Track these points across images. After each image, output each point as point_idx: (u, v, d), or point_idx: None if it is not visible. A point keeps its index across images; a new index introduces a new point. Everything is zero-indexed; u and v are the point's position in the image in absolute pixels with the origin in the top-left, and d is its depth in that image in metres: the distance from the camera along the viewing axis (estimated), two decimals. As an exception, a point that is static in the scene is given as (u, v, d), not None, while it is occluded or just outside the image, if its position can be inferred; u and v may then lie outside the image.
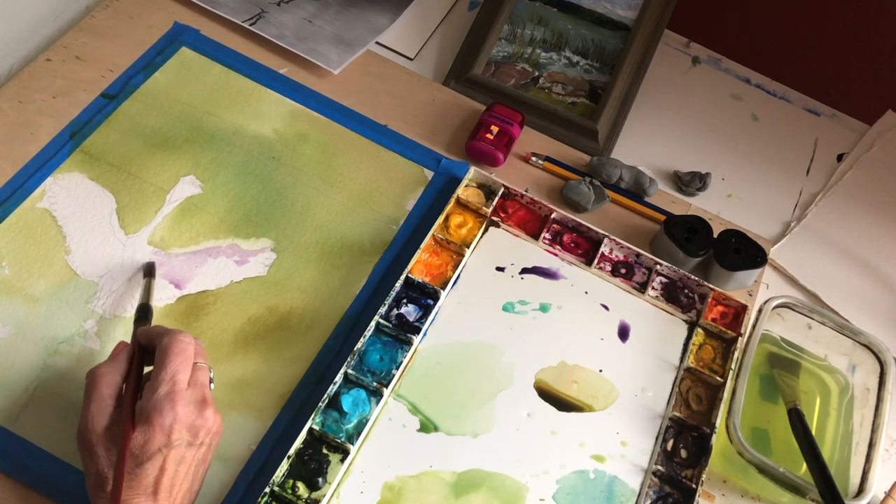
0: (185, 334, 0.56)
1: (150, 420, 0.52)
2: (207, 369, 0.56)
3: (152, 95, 0.78)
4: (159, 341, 0.55)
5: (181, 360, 0.54)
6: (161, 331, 0.57)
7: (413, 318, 0.69)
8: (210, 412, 0.54)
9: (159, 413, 0.52)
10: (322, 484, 0.60)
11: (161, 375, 0.53)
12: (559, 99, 0.87)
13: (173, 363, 0.54)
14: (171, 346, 0.55)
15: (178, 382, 0.53)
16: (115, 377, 0.55)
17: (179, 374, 0.54)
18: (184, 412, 0.52)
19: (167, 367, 0.54)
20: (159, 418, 0.52)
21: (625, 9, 0.92)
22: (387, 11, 0.91)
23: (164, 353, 0.54)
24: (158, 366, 0.54)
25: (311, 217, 0.74)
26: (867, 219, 0.86)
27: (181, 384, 0.53)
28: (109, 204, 0.71)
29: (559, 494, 0.63)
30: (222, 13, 0.84)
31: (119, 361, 0.57)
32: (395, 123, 0.81)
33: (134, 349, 0.58)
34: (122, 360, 0.57)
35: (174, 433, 0.52)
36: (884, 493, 0.67)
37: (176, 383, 0.53)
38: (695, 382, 0.70)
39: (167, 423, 0.52)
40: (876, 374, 0.69)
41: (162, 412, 0.52)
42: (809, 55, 1.17)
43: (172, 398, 0.52)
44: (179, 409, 0.52)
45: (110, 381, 0.55)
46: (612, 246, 0.75)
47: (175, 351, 0.54)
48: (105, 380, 0.55)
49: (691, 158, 0.87)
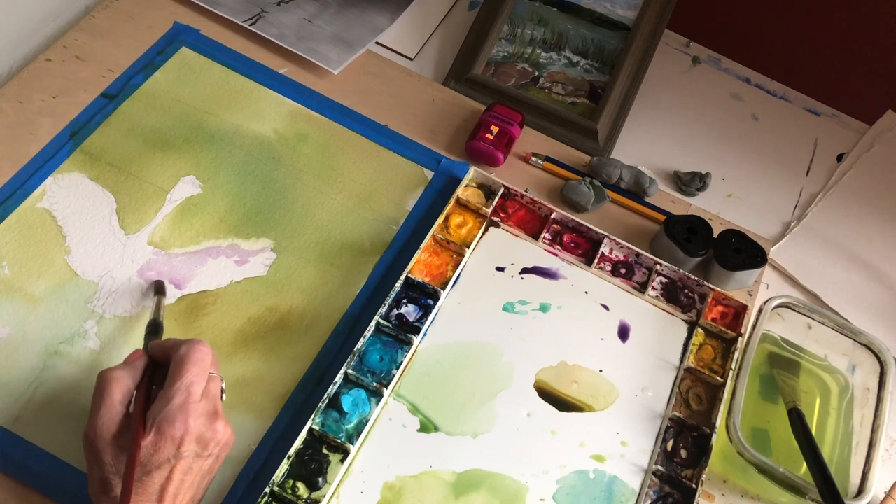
0: (203, 343, 0.55)
1: (161, 430, 0.51)
2: (220, 380, 0.56)
3: (152, 95, 0.78)
4: (176, 350, 0.55)
5: (198, 371, 0.54)
6: (176, 342, 0.56)
7: (413, 318, 0.69)
8: (221, 424, 0.54)
9: (171, 424, 0.51)
10: (322, 484, 0.60)
11: (177, 385, 0.53)
12: (559, 99, 0.87)
13: (190, 373, 0.53)
14: (189, 355, 0.54)
15: (193, 394, 0.53)
16: (128, 383, 0.55)
17: (195, 385, 0.53)
18: (195, 424, 0.52)
19: (184, 377, 0.53)
20: (171, 429, 0.51)
21: (625, 9, 0.92)
22: (387, 11, 0.91)
23: (182, 361, 0.54)
24: (174, 374, 0.54)
25: (311, 217, 0.74)
26: (867, 219, 0.86)
27: (195, 395, 0.53)
28: (109, 204, 0.71)
29: (559, 494, 0.63)
30: (222, 13, 0.84)
31: (135, 369, 0.56)
32: (395, 123, 0.81)
33: (147, 361, 0.57)
34: (138, 369, 0.56)
35: (184, 445, 0.52)
36: (884, 493, 0.67)
37: (190, 395, 0.53)
38: (695, 382, 0.70)
39: (178, 434, 0.51)
40: (876, 374, 0.69)
41: (174, 423, 0.51)
42: (809, 55, 1.17)
43: (186, 410, 0.52)
44: (191, 421, 0.52)
45: (123, 387, 0.54)
46: (612, 246, 0.75)
47: (193, 360, 0.54)
48: (118, 385, 0.54)
49: (691, 158, 0.87)
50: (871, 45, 1.15)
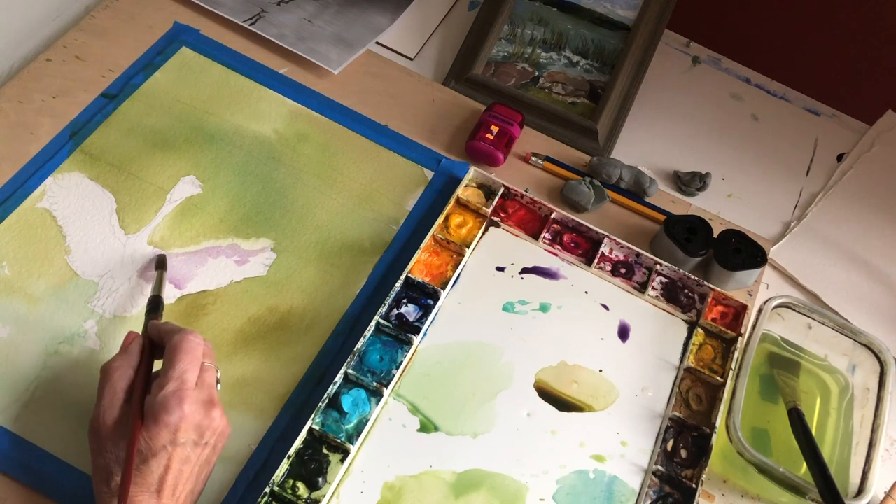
0: (194, 333, 0.56)
1: (157, 417, 0.52)
2: (215, 370, 0.56)
3: (152, 95, 0.78)
4: (169, 339, 0.56)
5: (190, 360, 0.54)
6: (171, 328, 0.57)
7: (413, 318, 0.69)
8: (217, 413, 0.54)
9: (166, 410, 0.52)
10: (322, 484, 0.60)
11: (170, 373, 0.53)
12: (559, 99, 0.87)
13: (182, 362, 0.54)
14: (180, 344, 0.55)
15: (187, 381, 0.53)
16: (127, 370, 0.56)
17: (188, 373, 0.54)
18: (191, 411, 0.52)
19: (176, 366, 0.54)
20: (166, 416, 0.52)
21: (625, 9, 0.92)
22: (387, 11, 0.91)
23: (174, 351, 0.55)
24: (167, 364, 0.54)
25: (311, 217, 0.74)
26: (867, 219, 0.86)
27: (189, 383, 0.53)
28: (109, 204, 0.71)
29: (559, 494, 0.63)
30: (222, 13, 0.84)
31: (130, 354, 0.57)
32: (395, 123, 0.81)
33: (145, 342, 0.58)
34: (134, 353, 0.57)
35: (180, 432, 0.52)
36: (884, 493, 0.67)
37: (184, 382, 0.53)
38: (695, 382, 0.70)
39: (174, 420, 0.52)
40: (876, 374, 0.69)
41: (169, 410, 0.52)
42: (809, 55, 1.17)
43: (180, 396, 0.52)
44: (186, 407, 0.52)
45: (122, 374, 0.55)
46: (612, 246, 0.75)
47: (184, 349, 0.54)
48: (118, 373, 0.55)
49: (691, 158, 0.87)
50: (871, 45, 1.15)
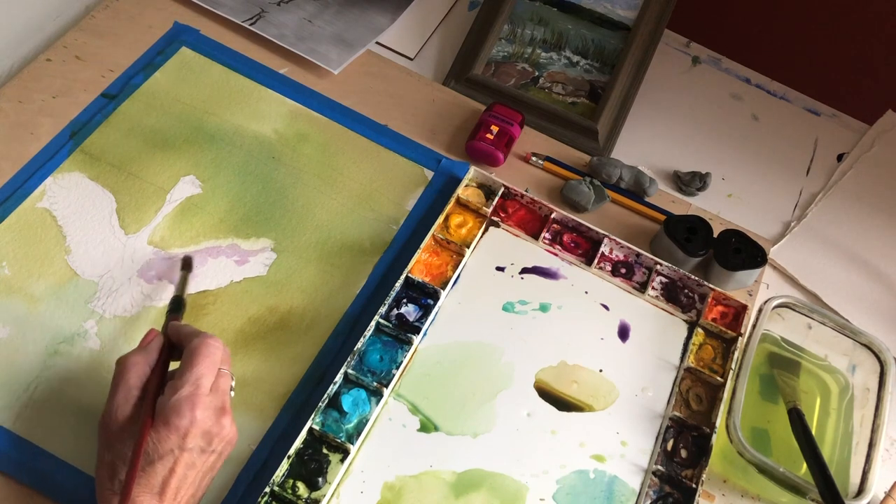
0: (214, 338, 0.56)
1: (167, 420, 0.52)
2: (230, 376, 0.56)
3: (152, 95, 0.78)
4: (188, 341, 0.55)
5: (207, 365, 0.54)
6: (192, 331, 0.57)
7: (413, 318, 0.69)
8: (227, 421, 0.54)
9: (178, 414, 0.52)
10: (322, 484, 0.60)
11: (186, 376, 0.53)
12: (559, 99, 0.87)
13: (200, 366, 0.54)
14: (200, 348, 0.54)
15: (202, 386, 0.53)
16: (144, 367, 0.56)
17: (204, 377, 0.53)
18: (202, 417, 0.52)
19: (193, 369, 0.53)
20: (177, 419, 0.52)
21: (625, 9, 0.92)
22: (387, 11, 0.91)
23: (192, 354, 0.54)
24: (184, 366, 0.54)
25: (311, 217, 0.74)
26: (867, 219, 0.86)
27: (203, 388, 0.53)
28: (109, 204, 0.71)
29: (559, 494, 0.63)
30: (222, 13, 0.84)
31: (150, 351, 0.57)
32: (395, 123, 0.81)
33: (164, 342, 0.58)
34: (153, 351, 0.57)
35: (189, 437, 0.52)
36: (884, 493, 0.67)
37: (199, 387, 0.53)
38: (695, 382, 0.70)
39: (184, 425, 0.52)
40: (876, 374, 0.69)
41: (181, 414, 0.52)
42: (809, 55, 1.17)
43: (193, 401, 0.52)
44: (198, 413, 0.52)
45: (139, 371, 0.55)
46: (612, 246, 0.75)
47: (204, 354, 0.54)
48: (134, 370, 0.55)
49: (691, 158, 0.87)
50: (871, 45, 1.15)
